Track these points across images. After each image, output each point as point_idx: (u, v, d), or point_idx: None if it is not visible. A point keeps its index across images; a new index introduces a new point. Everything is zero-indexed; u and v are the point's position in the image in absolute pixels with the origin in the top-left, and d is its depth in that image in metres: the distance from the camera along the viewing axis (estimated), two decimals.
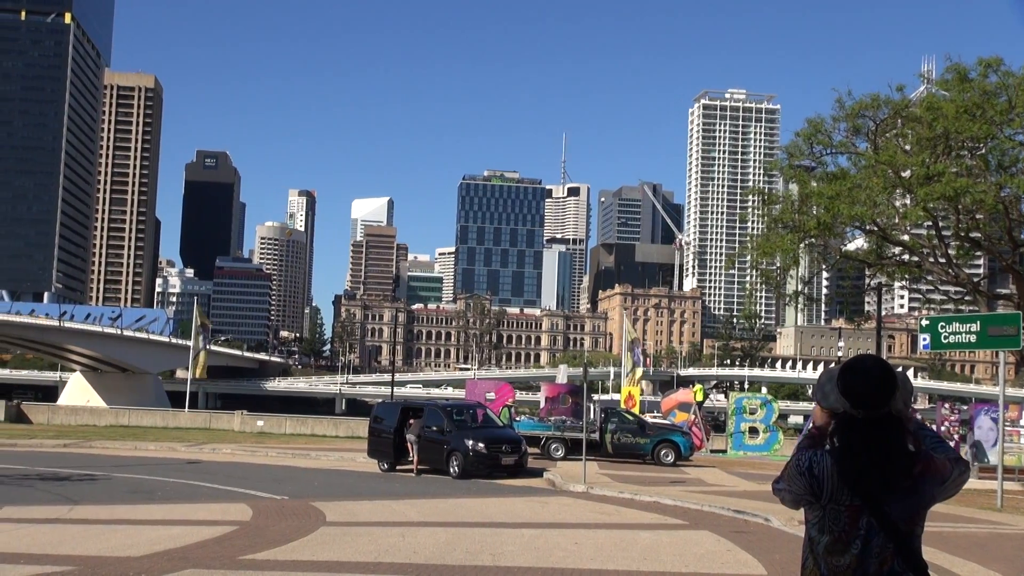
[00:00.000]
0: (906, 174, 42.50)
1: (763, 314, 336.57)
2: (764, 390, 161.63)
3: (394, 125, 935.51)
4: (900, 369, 5.63)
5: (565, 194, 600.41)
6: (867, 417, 5.15)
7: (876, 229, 44.30)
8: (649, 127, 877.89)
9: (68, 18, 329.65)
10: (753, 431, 51.57)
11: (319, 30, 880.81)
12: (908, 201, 44.52)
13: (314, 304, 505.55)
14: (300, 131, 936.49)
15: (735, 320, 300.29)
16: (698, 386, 62.35)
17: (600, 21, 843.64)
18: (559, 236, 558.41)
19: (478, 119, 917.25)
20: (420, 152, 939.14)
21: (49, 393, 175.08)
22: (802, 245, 46.22)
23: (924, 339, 30.03)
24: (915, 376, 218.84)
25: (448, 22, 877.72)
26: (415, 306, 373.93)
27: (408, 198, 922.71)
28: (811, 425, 5.57)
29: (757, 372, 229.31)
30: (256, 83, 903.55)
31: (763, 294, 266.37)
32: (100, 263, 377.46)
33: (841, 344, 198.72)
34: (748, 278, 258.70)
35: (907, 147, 44.23)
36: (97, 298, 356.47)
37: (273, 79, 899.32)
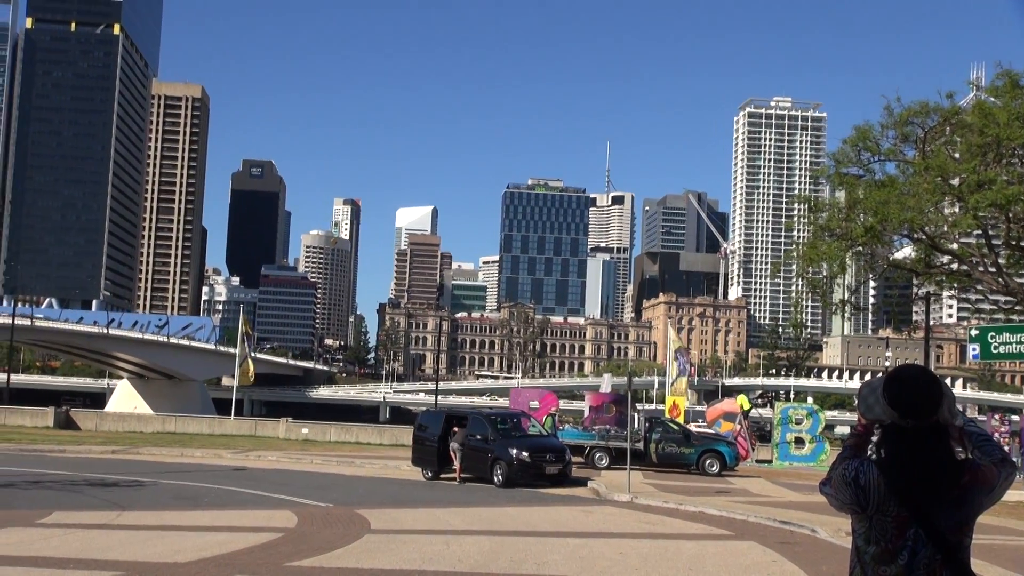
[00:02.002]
0: (955, 182, 42.03)
1: (809, 323, 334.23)
2: (810, 400, 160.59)
3: (439, 134, 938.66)
4: (947, 380, 5.54)
5: (609, 203, 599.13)
6: (914, 427, 5.09)
7: (924, 238, 43.83)
8: (694, 135, 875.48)
9: (117, 29, 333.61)
10: (799, 441, 51.11)
11: (365, 41, 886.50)
12: (957, 209, 44.00)
13: (358, 312, 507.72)
14: (345, 140, 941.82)
15: (781, 329, 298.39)
16: (741, 395, 61.92)
17: (644, 31, 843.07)
18: (603, 245, 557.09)
19: (522, 128, 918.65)
20: (464, 161, 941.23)
21: (97, 400, 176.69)
22: (849, 253, 45.78)
23: (974, 349, 29.73)
24: (964, 387, 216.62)
25: (493, 34, 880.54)
26: (459, 314, 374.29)
27: (452, 207, 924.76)
28: (852, 435, 5.52)
29: (803, 382, 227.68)
30: (302, 93, 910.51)
31: (809, 303, 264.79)
32: (147, 271, 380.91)
33: (889, 354, 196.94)
34: (794, 287, 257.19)
35: (956, 154, 43.74)
36: (144, 306, 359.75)
37: (318, 89, 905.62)
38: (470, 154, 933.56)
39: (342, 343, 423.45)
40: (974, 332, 30.26)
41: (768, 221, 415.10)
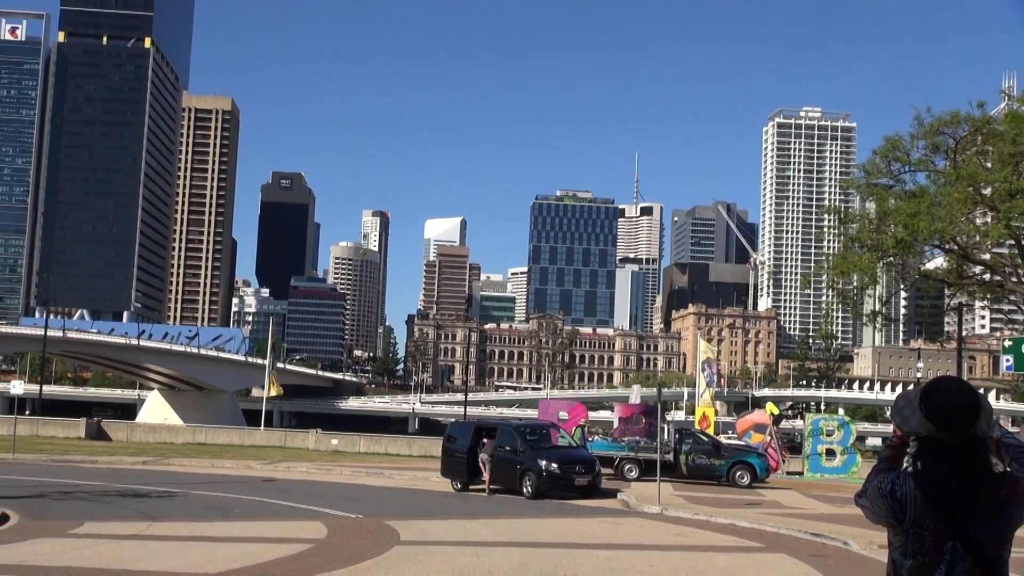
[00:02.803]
0: (987, 191, 41.75)
1: (840, 334, 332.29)
2: (841, 411, 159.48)
3: (467, 146, 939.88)
4: (981, 391, 5.49)
5: (638, 213, 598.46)
6: (952, 440, 5.01)
7: (956, 248, 43.54)
8: (723, 146, 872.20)
9: (148, 43, 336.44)
10: (830, 453, 50.72)
11: (393, 53, 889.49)
12: (989, 219, 43.70)
13: (387, 323, 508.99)
14: (374, 152, 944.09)
15: (811, 340, 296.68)
16: (770, 403, 61.56)
17: (672, 41, 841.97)
18: (632, 256, 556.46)
19: (551, 139, 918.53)
20: (493, 172, 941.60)
21: (128, 411, 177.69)
22: (880, 264, 45.53)
23: (1007, 360, 29.50)
24: (997, 398, 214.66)
25: (522, 45, 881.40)
26: (488, 326, 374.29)
27: (481, 218, 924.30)
28: (888, 447, 5.46)
29: (834, 393, 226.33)
30: (330, 105, 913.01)
31: (840, 314, 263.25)
32: (178, 283, 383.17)
33: (920, 365, 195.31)
34: (824, 298, 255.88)
35: (988, 164, 43.45)
36: (175, 317, 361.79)
37: (347, 101, 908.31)
38: (499, 165, 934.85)
39: (371, 354, 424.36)
40: (1007, 343, 30.02)
41: (798, 231, 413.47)
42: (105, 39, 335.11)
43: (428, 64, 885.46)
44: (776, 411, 57.00)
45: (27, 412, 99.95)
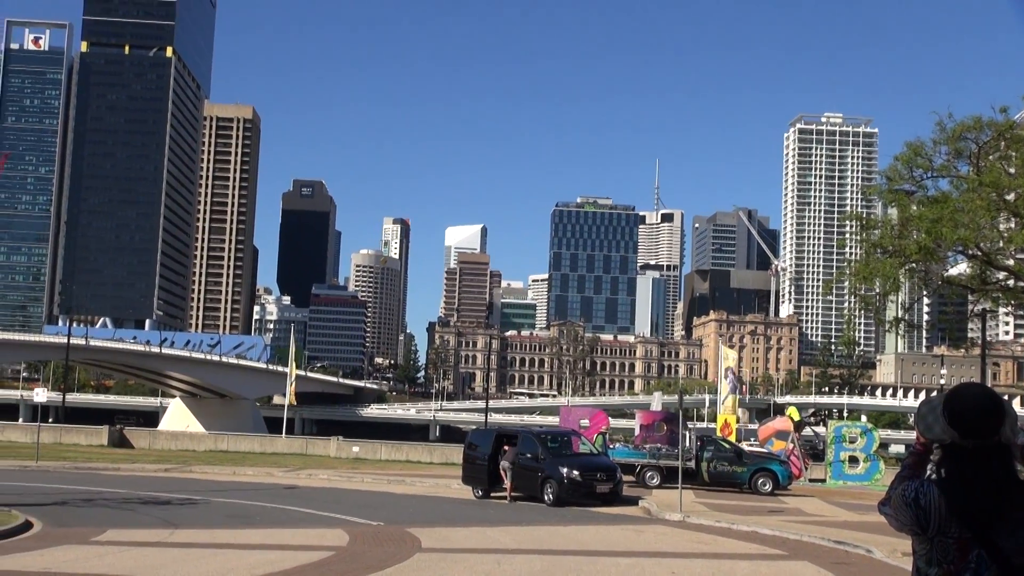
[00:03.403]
0: (1011, 197, 41.51)
1: (862, 341, 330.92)
2: (864, 418, 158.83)
3: (487, 153, 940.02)
4: (1005, 397, 5.45)
5: (659, 220, 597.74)
6: (976, 447, 4.97)
7: (980, 254, 43.30)
8: (744, 152, 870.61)
9: (169, 52, 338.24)
10: (853, 460, 50.47)
11: (413, 61, 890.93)
12: (1013, 224, 43.46)
13: (408, 331, 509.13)
14: (394, 160, 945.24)
15: (833, 347, 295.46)
16: (792, 408, 61.31)
17: (692, 47, 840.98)
18: (653, 262, 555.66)
19: (571, 146, 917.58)
20: (513, 179, 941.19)
21: (150, 418, 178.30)
22: (902, 270, 45.32)
23: None
24: (1021, 405, 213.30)
25: (542, 52, 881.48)
26: (508, 333, 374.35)
27: (501, 225, 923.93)
28: (911, 454, 5.42)
29: (856, 400, 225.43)
30: (351, 113, 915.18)
31: (862, 320, 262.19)
32: (199, 291, 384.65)
33: (944, 371, 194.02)
34: (847, 304, 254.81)
35: (1011, 169, 43.20)
36: (196, 325, 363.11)
37: (368, 109, 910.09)
38: (519, 172, 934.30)
39: (392, 362, 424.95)
40: None
41: (820, 238, 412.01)
42: (127, 48, 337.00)
43: (449, 71, 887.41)
44: (797, 416, 56.79)
45: (50, 420, 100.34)
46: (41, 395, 55.87)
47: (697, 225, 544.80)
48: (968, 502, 4.93)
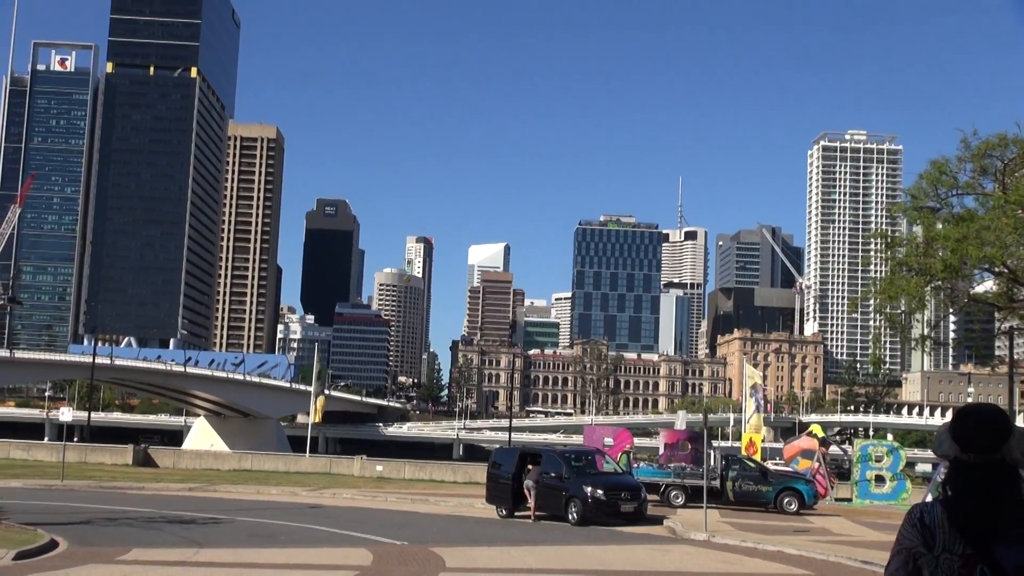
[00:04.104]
0: None
1: (888, 358, 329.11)
2: (890, 437, 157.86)
3: (510, 172, 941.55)
4: None
5: (682, 238, 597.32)
6: (979, 463, 5.00)
7: (1006, 271, 43.04)
8: (767, 169, 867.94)
9: (194, 72, 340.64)
10: (879, 479, 50.16)
11: (436, 80, 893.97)
12: None
13: (432, 350, 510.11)
14: (418, 179, 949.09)
15: (859, 365, 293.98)
16: (815, 425, 60.98)
17: (716, 66, 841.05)
18: (676, 280, 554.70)
19: (594, 164, 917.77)
20: (536, 198, 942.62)
21: (174, 437, 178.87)
22: (928, 288, 45.08)
23: None
24: None
25: (564, 72, 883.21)
26: (532, 351, 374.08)
27: (524, 244, 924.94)
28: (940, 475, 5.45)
29: (882, 418, 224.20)
30: (375, 132, 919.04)
31: (888, 338, 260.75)
32: (224, 310, 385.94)
33: (971, 390, 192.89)
34: (872, 322, 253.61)
35: None
36: (221, 344, 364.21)
37: (391, 128, 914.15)
38: (542, 191, 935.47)
39: (415, 380, 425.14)
40: None
41: (844, 255, 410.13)
42: (152, 69, 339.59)
43: (472, 90, 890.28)
44: (821, 432, 56.47)
45: (75, 439, 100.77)
46: (67, 414, 56.16)
47: (721, 243, 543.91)
48: (964, 516, 4.98)
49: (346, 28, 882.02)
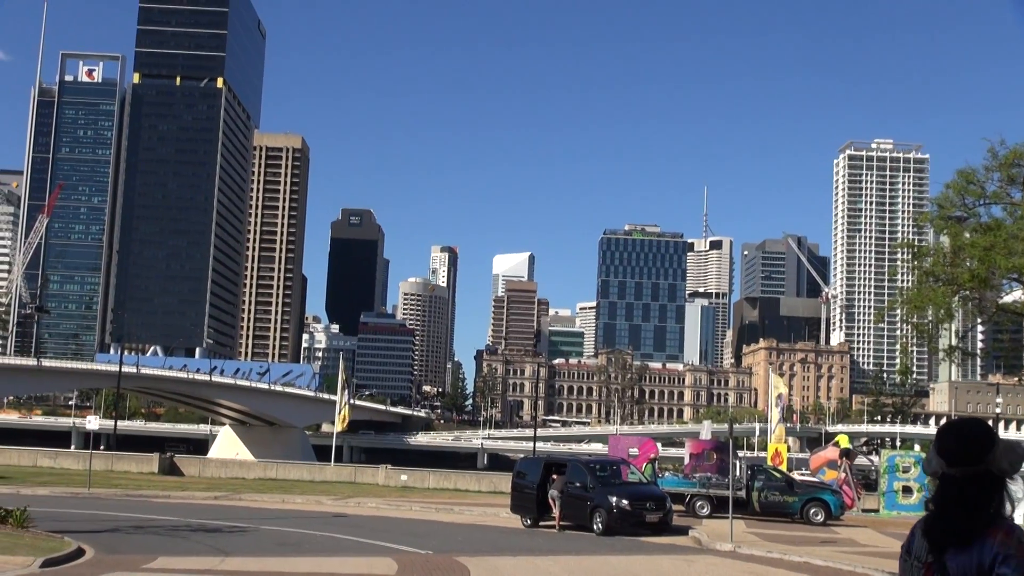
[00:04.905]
0: None
1: (915, 368, 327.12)
2: (917, 448, 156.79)
3: (535, 181, 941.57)
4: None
5: (707, 248, 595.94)
6: (962, 475, 5.07)
7: None
8: (793, 178, 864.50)
9: (220, 83, 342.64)
10: (907, 490, 49.83)
11: (460, 90, 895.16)
12: None
13: (456, 359, 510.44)
14: (442, 188, 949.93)
15: (885, 375, 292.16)
16: (841, 435, 60.66)
17: (741, 75, 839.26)
18: (701, 290, 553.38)
19: (618, 173, 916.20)
20: (561, 207, 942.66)
21: (200, 446, 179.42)
22: (956, 298, 44.81)
23: None
24: None
25: (589, 81, 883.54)
26: (556, 361, 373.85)
27: (549, 253, 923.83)
28: None
29: (909, 429, 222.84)
30: (399, 142, 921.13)
31: (915, 348, 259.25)
32: (249, 319, 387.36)
33: (999, 400, 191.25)
34: (899, 332, 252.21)
35: None
36: (246, 353, 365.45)
37: (415, 137, 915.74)
38: (566, 200, 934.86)
39: (440, 389, 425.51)
40: None
41: (871, 264, 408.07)
42: (178, 80, 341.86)
43: (497, 99, 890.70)
44: (847, 442, 56.14)
45: (102, 447, 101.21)
46: (93, 423, 56.42)
47: (746, 252, 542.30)
48: (931, 525, 5.11)
49: (371, 38, 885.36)
